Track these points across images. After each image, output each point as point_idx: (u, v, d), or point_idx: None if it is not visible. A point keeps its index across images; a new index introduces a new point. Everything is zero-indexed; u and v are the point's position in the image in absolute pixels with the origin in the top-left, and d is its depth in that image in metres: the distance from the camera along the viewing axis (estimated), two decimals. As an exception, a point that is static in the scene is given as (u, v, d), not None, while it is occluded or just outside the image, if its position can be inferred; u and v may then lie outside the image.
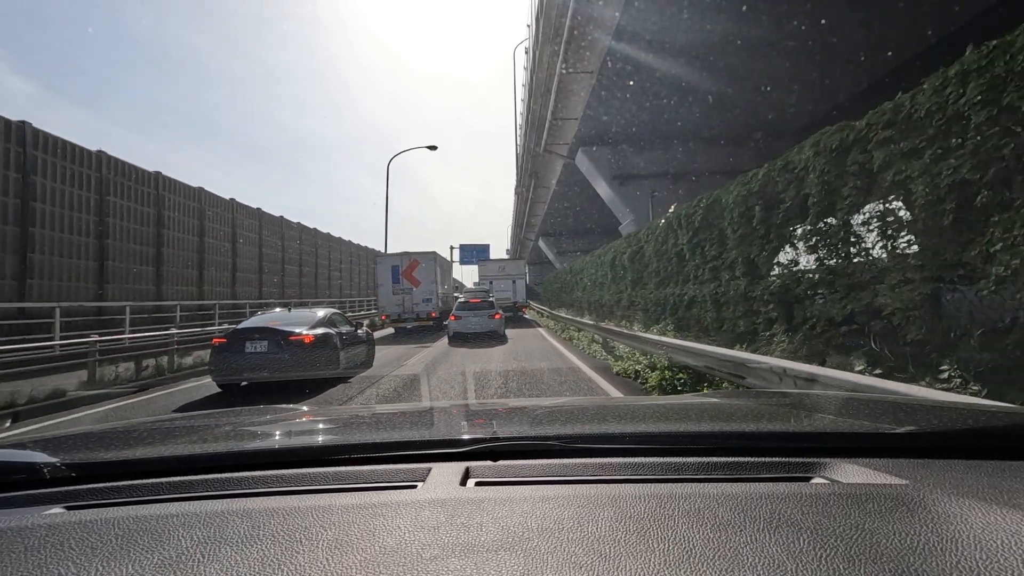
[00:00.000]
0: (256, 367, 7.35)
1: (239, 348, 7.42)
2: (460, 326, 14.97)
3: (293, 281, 24.35)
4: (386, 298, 19.26)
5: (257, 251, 21.31)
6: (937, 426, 1.05)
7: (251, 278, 20.79)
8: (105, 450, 1.14)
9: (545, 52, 17.68)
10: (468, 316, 15.02)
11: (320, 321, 8.28)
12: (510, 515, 0.69)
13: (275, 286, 22.61)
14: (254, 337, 7.48)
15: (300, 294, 24.76)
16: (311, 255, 26.42)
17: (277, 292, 22.61)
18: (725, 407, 1.47)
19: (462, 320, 15.03)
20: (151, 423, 1.62)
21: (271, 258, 22.45)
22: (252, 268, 20.89)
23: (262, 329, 7.64)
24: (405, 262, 19.50)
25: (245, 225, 20.42)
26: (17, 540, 0.67)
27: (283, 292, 23.15)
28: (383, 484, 0.88)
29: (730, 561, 0.56)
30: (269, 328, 7.63)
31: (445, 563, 0.58)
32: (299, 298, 24.34)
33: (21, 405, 7.14)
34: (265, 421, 1.58)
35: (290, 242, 24.17)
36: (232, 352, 7.46)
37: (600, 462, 0.92)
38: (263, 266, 21.61)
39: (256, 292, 20.91)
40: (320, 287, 27.31)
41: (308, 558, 0.60)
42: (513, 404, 2.17)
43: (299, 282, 24.87)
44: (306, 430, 1.42)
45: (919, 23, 12.02)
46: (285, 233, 23.73)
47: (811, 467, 0.87)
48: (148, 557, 0.62)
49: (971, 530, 0.60)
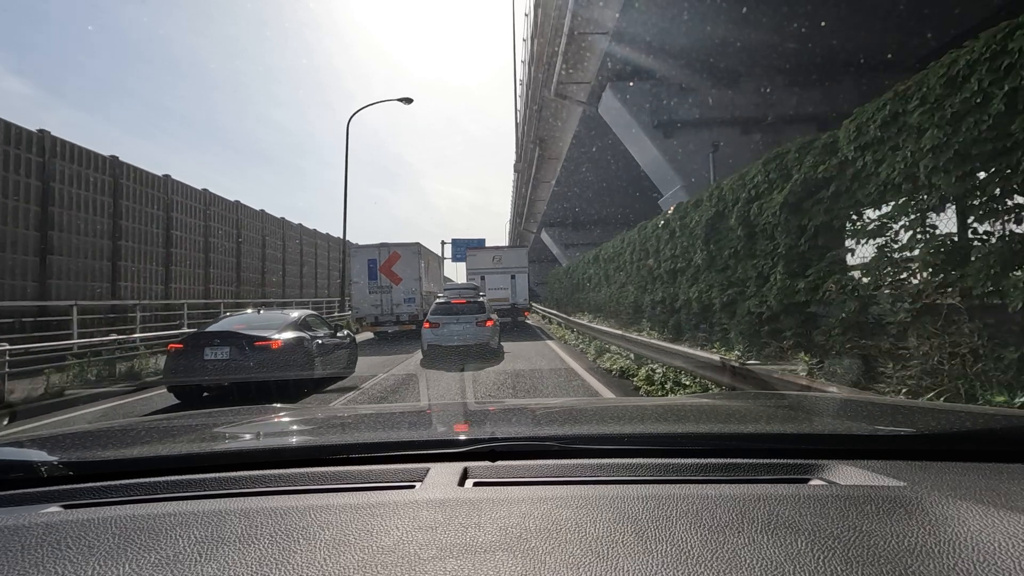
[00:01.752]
0: (216, 375, 6.64)
1: (197, 354, 6.70)
2: (438, 337, 10.73)
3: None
4: (362, 297, 16.42)
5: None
6: (934, 428, 1.05)
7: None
8: (103, 449, 1.14)
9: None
10: (449, 323, 10.76)
11: (292, 324, 7.49)
12: (508, 516, 0.69)
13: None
14: (214, 343, 6.74)
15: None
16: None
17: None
18: (723, 408, 1.47)
19: (441, 329, 10.74)
20: (149, 422, 1.62)
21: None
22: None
23: (224, 333, 6.89)
24: (384, 255, 16.50)
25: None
26: (14, 539, 0.67)
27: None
28: (381, 484, 0.87)
29: (728, 562, 0.55)
30: (232, 332, 6.89)
31: (443, 563, 0.57)
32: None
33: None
34: (263, 420, 1.58)
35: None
36: (190, 359, 6.72)
37: (598, 463, 0.92)
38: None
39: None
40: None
41: (306, 558, 0.59)
42: (511, 404, 2.17)
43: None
44: (304, 430, 1.42)
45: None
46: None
47: (809, 469, 0.87)
48: (145, 556, 0.61)
49: (968, 532, 0.60)
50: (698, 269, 8.95)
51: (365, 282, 16.51)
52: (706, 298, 8.39)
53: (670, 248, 10.38)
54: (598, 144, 19.51)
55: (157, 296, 14.82)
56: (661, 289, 10.91)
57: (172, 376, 6.92)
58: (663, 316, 10.91)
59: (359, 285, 16.60)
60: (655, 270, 11.49)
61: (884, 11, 11.34)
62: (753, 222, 6.91)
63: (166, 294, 15.21)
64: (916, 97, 4.30)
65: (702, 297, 8.53)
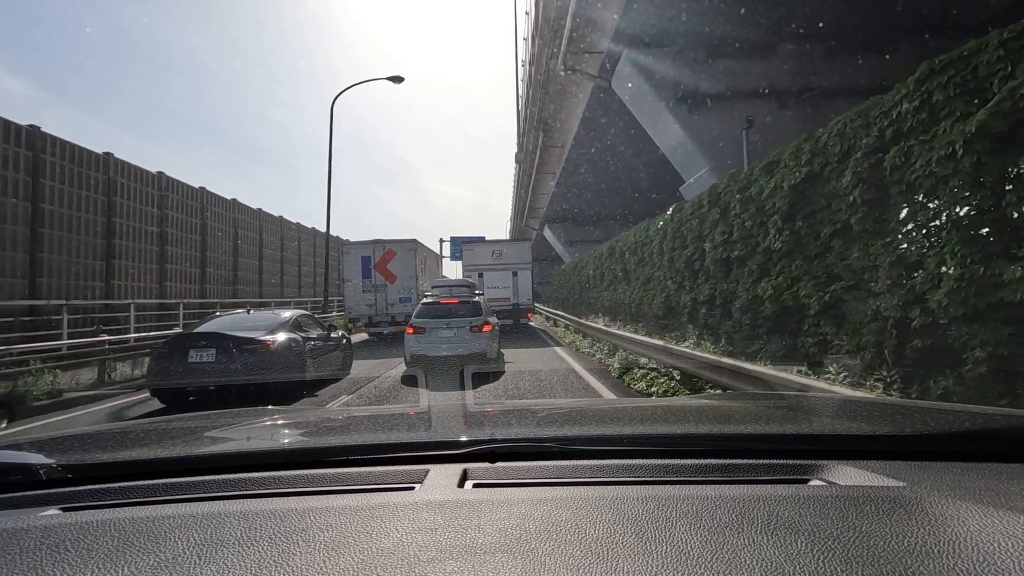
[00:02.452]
0: (201, 378, 6.45)
1: (181, 356, 6.50)
2: (422, 345, 8.78)
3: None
4: (355, 296, 15.67)
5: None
6: (934, 429, 1.05)
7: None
8: (101, 451, 1.14)
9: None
10: (437, 328, 8.83)
11: (282, 324, 7.27)
12: (508, 517, 0.69)
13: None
14: (200, 344, 6.52)
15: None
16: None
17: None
18: (723, 409, 1.47)
19: (427, 335, 8.79)
20: (147, 424, 1.62)
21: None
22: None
23: (210, 335, 6.69)
24: (379, 252, 15.80)
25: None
26: (12, 542, 0.67)
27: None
28: (381, 486, 0.87)
29: (728, 563, 0.56)
30: (218, 334, 6.67)
31: (443, 565, 0.57)
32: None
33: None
34: (262, 423, 1.58)
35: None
36: (174, 361, 6.52)
37: (598, 464, 0.92)
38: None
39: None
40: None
41: (305, 560, 0.59)
42: (511, 406, 2.17)
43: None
44: (303, 432, 1.42)
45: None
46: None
47: (808, 469, 0.87)
48: (145, 559, 0.61)
49: (968, 532, 0.60)
50: (770, 257, 6.58)
51: (359, 280, 15.73)
52: (789, 297, 6.00)
53: (721, 232, 7.94)
54: (608, 129, 17.41)
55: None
56: (708, 285, 8.42)
57: (155, 379, 6.74)
58: (710, 320, 8.41)
59: (352, 284, 15.85)
60: (694, 260, 9.06)
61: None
62: (887, 179, 4.52)
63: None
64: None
65: (781, 295, 6.16)
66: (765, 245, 6.69)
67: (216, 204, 18.38)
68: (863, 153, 4.87)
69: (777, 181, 6.40)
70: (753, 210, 7.03)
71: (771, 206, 6.52)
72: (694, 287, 9.12)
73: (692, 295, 9.14)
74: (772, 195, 6.51)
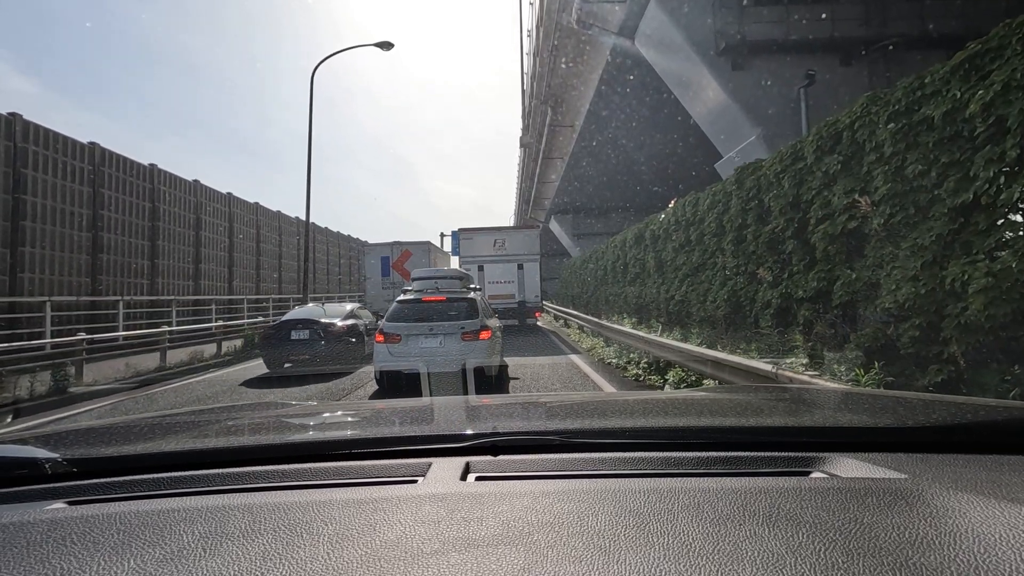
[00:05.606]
0: (299, 352, 9.38)
1: (286, 334, 9.44)
2: (395, 359, 6.69)
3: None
4: (375, 293, 17.75)
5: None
6: (936, 420, 1.05)
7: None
8: (107, 445, 1.14)
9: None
10: (417, 335, 6.76)
11: (349, 313, 10.50)
12: (510, 510, 0.69)
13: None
14: (298, 326, 9.48)
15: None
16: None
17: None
18: (724, 402, 1.47)
19: (403, 345, 6.69)
20: (152, 418, 1.63)
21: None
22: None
23: (304, 320, 9.62)
24: (396, 252, 18.04)
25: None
26: (19, 535, 0.68)
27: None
28: (383, 479, 0.88)
29: (729, 555, 0.56)
30: (310, 320, 9.60)
31: (446, 557, 0.58)
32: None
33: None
34: (265, 417, 1.59)
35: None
36: (280, 337, 9.48)
37: (600, 457, 0.93)
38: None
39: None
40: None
41: (309, 552, 0.60)
42: (513, 399, 2.18)
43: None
44: (307, 425, 1.43)
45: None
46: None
47: (810, 461, 0.87)
48: (150, 552, 0.62)
49: (970, 524, 0.60)
50: (977, 219, 3.82)
51: (378, 278, 17.94)
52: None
53: (839, 194, 5.36)
54: (626, 104, 14.86)
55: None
56: (814, 274, 5.81)
57: (265, 350, 9.85)
58: (818, 325, 5.75)
59: (373, 281, 18.12)
60: (786, 237, 6.47)
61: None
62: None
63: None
64: None
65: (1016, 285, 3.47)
66: (963, 199, 3.84)
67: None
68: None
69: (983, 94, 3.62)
70: (933, 140, 4.20)
71: (982, 124, 3.70)
72: (792, 280, 6.35)
73: (782, 289, 6.51)
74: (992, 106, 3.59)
